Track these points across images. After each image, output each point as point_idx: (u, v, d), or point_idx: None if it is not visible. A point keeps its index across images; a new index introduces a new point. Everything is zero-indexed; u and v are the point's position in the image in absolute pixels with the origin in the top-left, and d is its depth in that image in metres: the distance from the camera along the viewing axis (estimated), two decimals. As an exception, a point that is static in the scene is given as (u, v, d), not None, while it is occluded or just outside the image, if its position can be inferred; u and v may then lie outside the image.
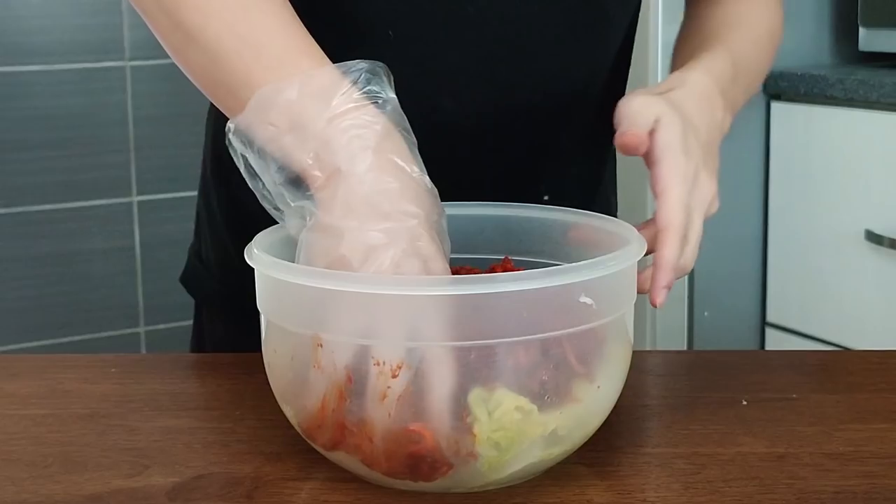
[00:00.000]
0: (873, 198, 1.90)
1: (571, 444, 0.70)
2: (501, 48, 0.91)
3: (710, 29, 0.97)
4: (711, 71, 0.88)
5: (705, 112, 0.85)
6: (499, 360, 0.65)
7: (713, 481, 0.71)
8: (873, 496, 0.69)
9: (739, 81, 0.92)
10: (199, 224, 1.09)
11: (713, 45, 0.93)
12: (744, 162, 2.10)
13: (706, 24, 0.99)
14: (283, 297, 0.70)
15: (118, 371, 0.92)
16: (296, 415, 0.70)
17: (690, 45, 0.97)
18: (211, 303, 1.08)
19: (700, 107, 0.85)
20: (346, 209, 0.69)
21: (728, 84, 0.89)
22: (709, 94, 0.86)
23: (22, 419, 0.83)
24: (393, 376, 0.65)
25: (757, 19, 1.00)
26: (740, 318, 2.15)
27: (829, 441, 0.77)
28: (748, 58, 0.95)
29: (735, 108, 0.92)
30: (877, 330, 1.90)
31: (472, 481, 0.68)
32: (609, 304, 0.68)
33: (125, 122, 2.53)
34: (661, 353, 1.06)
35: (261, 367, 0.73)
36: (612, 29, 0.96)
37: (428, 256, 0.69)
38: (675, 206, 0.77)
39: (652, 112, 0.80)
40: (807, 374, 0.92)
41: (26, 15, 2.43)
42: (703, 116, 0.84)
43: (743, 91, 0.95)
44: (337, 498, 0.69)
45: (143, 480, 0.72)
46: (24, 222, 2.49)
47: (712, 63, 0.89)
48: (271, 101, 0.72)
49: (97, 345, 2.55)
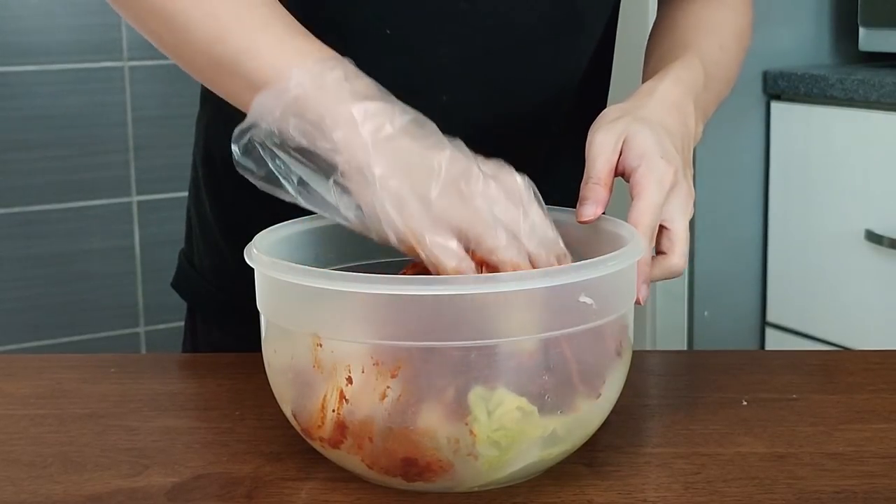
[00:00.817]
0: (873, 198, 1.90)
1: (571, 444, 0.70)
2: (496, 42, 0.92)
3: (680, 33, 0.98)
4: (682, 80, 0.88)
5: (678, 121, 0.85)
6: (499, 360, 0.65)
7: (713, 481, 0.71)
8: (873, 496, 0.69)
9: (710, 88, 0.93)
10: (191, 229, 1.08)
11: (683, 52, 0.93)
12: (744, 162, 2.10)
13: (676, 28, 0.99)
14: (283, 297, 0.70)
15: (118, 371, 0.92)
16: (296, 415, 0.70)
17: (660, 49, 0.98)
18: (204, 307, 1.08)
19: (672, 116, 0.85)
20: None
21: (700, 92, 0.90)
22: (680, 104, 0.87)
23: (21, 419, 0.83)
24: (392, 376, 0.65)
25: (725, 23, 1.00)
26: (740, 318, 2.14)
27: (829, 441, 0.77)
28: (717, 63, 0.96)
29: (707, 116, 0.93)
30: (877, 330, 1.90)
31: (472, 481, 0.68)
32: (609, 304, 0.68)
33: (124, 122, 2.53)
34: (661, 353, 1.06)
35: (261, 367, 0.73)
36: (587, 23, 0.97)
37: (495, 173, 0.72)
38: (645, 209, 0.78)
39: (611, 141, 0.81)
40: (807, 374, 0.92)
41: (25, 15, 2.43)
42: (677, 126, 0.85)
43: (714, 97, 0.96)
44: (337, 498, 0.69)
45: (143, 480, 0.72)
46: (24, 222, 2.49)
47: (682, 72, 0.89)
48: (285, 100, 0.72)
49: (97, 345, 2.55)
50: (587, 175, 0.79)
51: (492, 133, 0.94)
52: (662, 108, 0.85)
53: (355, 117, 0.71)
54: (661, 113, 0.84)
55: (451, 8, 0.90)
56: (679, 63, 0.90)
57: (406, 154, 0.71)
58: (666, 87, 0.87)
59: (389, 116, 0.72)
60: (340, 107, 0.71)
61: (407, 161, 0.70)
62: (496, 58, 0.93)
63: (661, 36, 1.00)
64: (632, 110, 0.83)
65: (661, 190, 0.79)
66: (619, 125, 0.81)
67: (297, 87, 0.72)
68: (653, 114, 0.83)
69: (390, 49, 0.90)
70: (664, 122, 0.83)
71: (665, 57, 0.94)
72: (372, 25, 0.90)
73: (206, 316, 1.08)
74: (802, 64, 2.11)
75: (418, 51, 0.91)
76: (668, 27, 1.00)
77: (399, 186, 0.69)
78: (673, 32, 0.99)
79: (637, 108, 0.84)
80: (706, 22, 0.99)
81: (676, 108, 0.86)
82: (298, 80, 0.73)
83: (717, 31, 0.98)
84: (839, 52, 2.18)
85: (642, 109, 0.84)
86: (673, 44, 0.96)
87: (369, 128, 0.71)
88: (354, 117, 0.71)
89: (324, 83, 0.72)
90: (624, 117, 0.82)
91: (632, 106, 0.84)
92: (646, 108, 0.84)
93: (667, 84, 0.87)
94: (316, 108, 0.71)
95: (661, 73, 0.89)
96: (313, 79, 0.72)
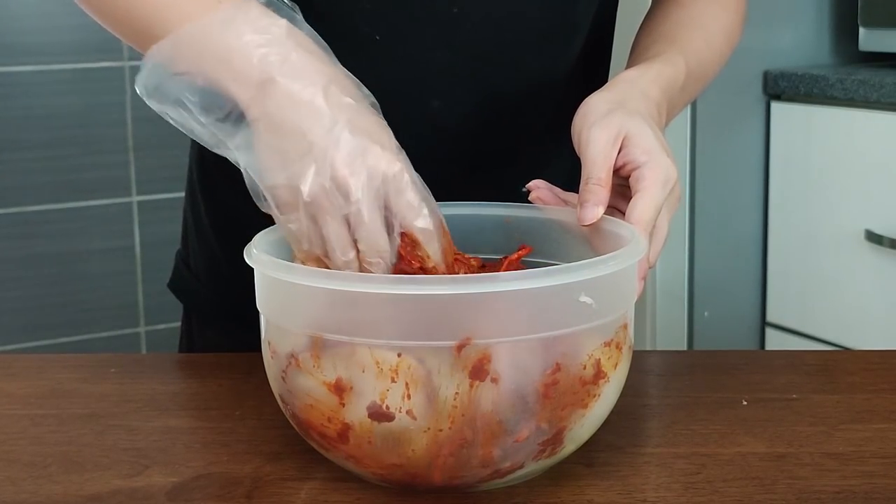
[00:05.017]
0: (873, 198, 1.90)
1: (571, 444, 0.70)
2: (487, 47, 0.91)
3: (670, 26, 0.97)
4: (663, 77, 0.87)
5: (655, 117, 0.85)
6: (499, 360, 0.65)
7: (713, 481, 0.71)
8: (873, 496, 0.69)
9: (687, 89, 0.92)
10: (187, 230, 1.09)
11: (668, 47, 0.92)
12: (744, 162, 2.10)
13: (667, 19, 0.98)
14: (283, 297, 0.70)
15: (118, 371, 0.92)
16: (295, 415, 0.70)
17: (647, 39, 0.97)
18: (200, 309, 1.08)
19: (651, 112, 0.84)
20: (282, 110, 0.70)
21: (676, 93, 0.89)
22: (658, 102, 0.86)
23: (21, 419, 0.83)
24: (393, 376, 0.65)
25: (714, 20, 1.00)
26: (740, 318, 2.14)
27: (829, 441, 0.77)
28: (701, 62, 0.95)
29: (672, 117, 0.92)
30: (877, 330, 1.90)
31: (471, 481, 0.68)
32: (609, 304, 0.68)
33: (124, 122, 2.53)
34: (661, 353, 1.06)
35: (261, 367, 0.73)
36: (579, 26, 0.96)
37: (369, 131, 0.70)
38: (647, 207, 0.77)
39: (609, 139, 0.80)
40: (807, 374, 0.92)
41: (24, 15, 2.43)
42: (655, 120, 0.85)
43: (687, 97, 0.95)
44: (337, 498, 0.69)
45: (143, 480, 0.72)
46: (24, 222, 2.49)
47: (665, 68, 0.88)
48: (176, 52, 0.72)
49: (97, 345, 2.55)
50: (587, 175, 0.79)
51: (482, 136, 0.95)
52: (645, 102, 0.84)
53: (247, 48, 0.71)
54: (645, 106, 0.83)
55: (442, 14, 0.90)
56: (662, 58, 0.89)
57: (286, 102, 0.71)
58: (647, 81, 0.86)
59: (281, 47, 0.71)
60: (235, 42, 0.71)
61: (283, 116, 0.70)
62: (487, 63, 0.92)
63: (651, 26, 0.99)
64: (620, 102, 0.82)
65: (665, 189, 0.78)
66: (615, 120, 0.80)
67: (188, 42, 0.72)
68: (641, 107, 0.82)
69: (381, 55, 0.90)
70: (652, 116, 0.83)
71: (651, 48, 0.93)
72: (362, 32, 0.90)
73: (201, 317, 1.08)
74: (802, 64, 2.11)
75: (409, 57, 0.91)
76: (659, 19, 1.00)
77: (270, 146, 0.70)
78: (663, 24, 0.98)
79: (625, 99, 0.82)
80: (696, 18, 0.98)
81: (655, 105, 0.85)
82: (190, 33, 0.72)
83: (703, 27, 0.98)
84: (839, 52, 2.18)
85: (631, 102, 0.82)
86: (660, 36, 0.96)
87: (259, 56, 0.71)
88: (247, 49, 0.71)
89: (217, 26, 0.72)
90: (616, 111, 0.80)
91: (618, 97, 0.83)
92: (633, 101, 0.83)
93: (648, 78, 0.86)
94: (214, 49, 0.71)
95: (645, 65, 0.88)
96: (206, 30, 0.72)
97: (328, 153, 0.69)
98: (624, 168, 0.79)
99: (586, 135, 0.80)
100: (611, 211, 0.78)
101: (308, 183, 0.69)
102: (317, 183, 0.69)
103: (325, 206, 0.69)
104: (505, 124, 0.95)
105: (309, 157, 0.69)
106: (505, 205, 0.84)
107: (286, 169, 0.70)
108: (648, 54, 0.91)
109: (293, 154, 0.70)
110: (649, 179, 0.78)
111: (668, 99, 0.87)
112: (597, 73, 1.03)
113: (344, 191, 0.69)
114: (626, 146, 0.79)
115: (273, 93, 0.70)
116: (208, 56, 0.71)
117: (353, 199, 0.69)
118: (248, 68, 0.71)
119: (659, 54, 0.90)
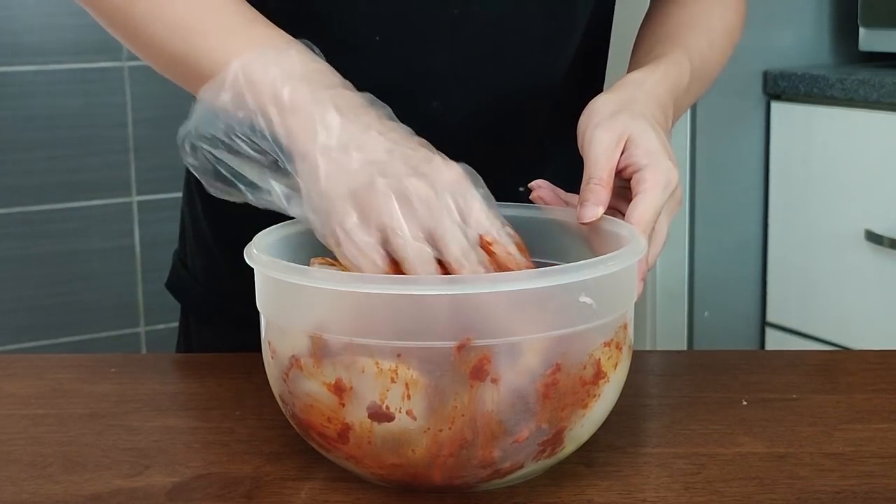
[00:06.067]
0: (873, 198, 1.90)
1: (572, 444, 0.70)
2: (488, 48, 0.91)
3: (672, 27, 0.97)
4: (669, 77, 0.88)
5: (661, 120, 0.85)
6: (499, 360, 0.65)
7: (713, 481, 0.71)
8: (873, 496, 0.69)
9: (691, 90, 0.92)
10: (184, 231, 1.09)
11: (672, 48, 0.92)
12: (744, 162, 2.10)
13: (669, 20, 0.98)
14: (283, 297, 0.70)
15: (117, 371, 0.92)
16: (295, 415, 0.70)
17: (650, 40, 0.96)
18: (197, 308, 1.08)
19: (658, 113, 0.84)
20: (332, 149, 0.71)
21: (681, 94, 0.89)
22: (664, 104, 0.86)
23: (21, 419, 0.83)
24: (392, 377, 0.65)
25: (716, 19, 0.99)
26: (740, 318, 2.14)
27: (829, 441, 0.77)
28: (704, 62, 0.95)
29: (678, 117, 0.93)
30: (877, 330, 1.90)
31: (472, 481, 0.68)
32: (609, 304, 0.68)
33: (124, 122, 2.53)
34: (661, 353, 1.06)
35: (261, 367, 0.73)
36: (577, 25, 0.97)
37: (421, 161, 0.72)
38: (648, 209, 0.77)
39: (613, 140, 0.80)
40: (807, 374, 0.92)
41: (23, 15, 2.43)
42: (662, 124, 0.85)
43: (692, 98, 0.95)
44: (337, 498, 0.69)
45: (143, 480, 0.72)
46: (24, 222, 2.49)
47: (671, 68, 0.88)
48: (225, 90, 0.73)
49: (97, 345, 2.55)
50: (588, 175, 0.79)
51: (482, 136, 0.95)
52: (651, 104, 0.84)
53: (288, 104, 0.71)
54: (651, 109, 0.84)
55: (442, 15, 0.90)
56: (667, 59, 0.90)
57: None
58: (654, 82, 0.86)
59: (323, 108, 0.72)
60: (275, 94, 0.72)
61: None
62: (487, 63, 0.92)
63: (653, 27, 0.99)
64: (626, 104, 0.82)
65: (667, 191, 0.78)
66: (619, 122, 0.80)
67: (234, 80, 0.72)
68: (646, 109, 0.83)
69: (381, 56, 0.90)
70: (657, 118, 0.83)
71: (654, 49, 0.93)
72: (362, 33, 0.90)
73: (198, 317, 1.08)
74: (802, 64, 2.11)
75: (410, 58, 0.91)
76: (660, 19, 1.00)
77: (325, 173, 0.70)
78: (665, 24, 0.98)
79: (631, 101, 0.82)
80: (698, 17, 0.98)
81: (661, 107, 0.85)
82: (235, 71, 0.73)
83: (705, 27, 0.98)
84: (839, 52, 2.18)
85: (637, 104, 0.82)
86: (664, 36, 0.96)
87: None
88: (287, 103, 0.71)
89: (257, 74, 0.73)
90: (621, 112, 0.81)
91: (624, 98, 0.83)
92: (639, 103, 0.83)
93: (655, 79, 0.86)
94: (254, 100, 0.72)
95: (651, 66, 0.88)
96: (250, 67, 0.73)
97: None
98: (626, 170, 0.79)
99: (590, 135, 0.80)
100: (611, 212, 0.78)
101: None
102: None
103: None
104: (504, 124, 0.95)
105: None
106: (505, 205, 0.84)
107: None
108: (652, 55, 0.91)
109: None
110: (650, 182, 0.78)
111: (673, 100, 0.87)
112: (594, 72, 1.04)
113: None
114: (629, 148, 0.79)
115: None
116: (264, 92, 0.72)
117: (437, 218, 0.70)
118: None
119: (663, 55, 0.90)
